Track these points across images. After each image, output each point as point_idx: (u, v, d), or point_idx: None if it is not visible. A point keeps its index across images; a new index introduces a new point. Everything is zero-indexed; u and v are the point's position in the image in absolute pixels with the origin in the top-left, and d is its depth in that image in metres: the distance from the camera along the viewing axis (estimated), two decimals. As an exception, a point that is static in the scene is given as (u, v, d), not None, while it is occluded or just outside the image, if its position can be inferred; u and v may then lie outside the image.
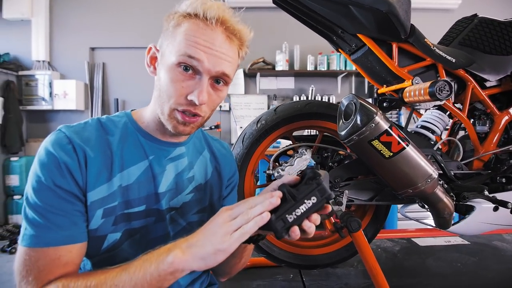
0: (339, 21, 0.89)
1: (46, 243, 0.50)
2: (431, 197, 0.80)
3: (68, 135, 0.54)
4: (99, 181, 0.55)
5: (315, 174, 0.49)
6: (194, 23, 0.54)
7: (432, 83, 0.70)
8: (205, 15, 0.53)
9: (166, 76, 0.55)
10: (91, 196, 0.54)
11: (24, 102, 3.39)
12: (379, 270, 0.79)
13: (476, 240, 1.46)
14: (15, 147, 3.17)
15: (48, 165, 0.52)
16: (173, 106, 0.55)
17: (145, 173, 0.60)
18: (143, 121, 0.63)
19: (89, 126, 0.58)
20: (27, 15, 3.28)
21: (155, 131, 0.62)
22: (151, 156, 0.61)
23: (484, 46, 0.96)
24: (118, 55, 3.54)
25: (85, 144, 0.54)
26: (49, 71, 3.41)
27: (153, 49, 0.61)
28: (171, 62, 0.54)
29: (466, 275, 1.14)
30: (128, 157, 0.59)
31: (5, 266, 2.38)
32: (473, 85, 0.95)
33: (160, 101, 0.57)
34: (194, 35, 0.53)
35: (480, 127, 0.97)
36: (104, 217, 0.55)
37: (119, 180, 0.57)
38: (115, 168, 0.57)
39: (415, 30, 0.88)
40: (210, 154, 0.73)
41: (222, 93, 0.59)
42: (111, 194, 0.56)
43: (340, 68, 3.30)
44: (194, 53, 0.53)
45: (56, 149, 0.52)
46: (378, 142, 0.73)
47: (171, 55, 0.55)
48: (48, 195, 0.51)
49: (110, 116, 0.62)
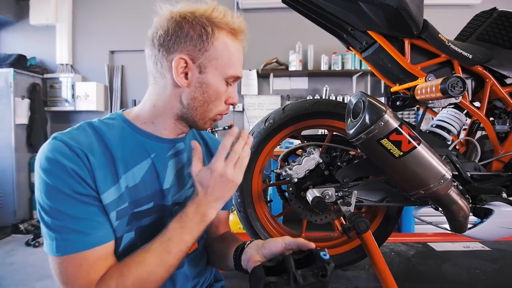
0: (348, 18, 0.88)
1: (82, 248, 0.50)
2: (445, 199, 0.76)
3: (66, 142, 0.52)
4: (107, 184, 0.55)
5: (324, 271, 0.50)
6: (232, 41, 0.61)
7: (444, 79, 0.67)
8: (233, 25, 0.60)
9: (217, 89, 0.61)
10: (103, 199, 0.54)
11: (49, 104, 3.58)
12: (389, 273, 0.76)
13: (498, 246, 1.38)
14: (40, 146, 3.34)
15: (58, 173, 0.50)
16: (218, 112, 0.64)
17: (149, 171, 0.61)
18: (140, 120, 0.63)
19: (83, 130, 0.57)
20: (52, 21, 3.47)
21: (154, 130, 0.62)
22: (152, 154, 0.62)
23: (504, 41, 0.90)
24: (136, 58, 3.66)
25: (85, 149, 0.53)
26: (72, 74, 3.59)
27: (182, 63, 0.58)
28: (220, 77, 0.61)
29: (485, 282, 1.07)
30: (130, 157, 0.59)
31: (29, 259, 2.52)
32: (492, 82, 0.90)
33: (203, 109, 0.62)
34: (236, 54, 0.61)
35: (500, 127, 0.92)
36: (118, 219, 0.56)
37: (125, 181, 0.57)
38: (120, 170, 0.57)
39: (428, 25, 0.85)
40: (205, 147, 0.75)
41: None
42: (120, 196, 0.56)
43: (355, 67, 3.24)
44: (239, 73, 0.63)
45: (58, 157, 0.51)
46: (388, 141, 0.71)
47: (218, 71, 0.60)
48: (69, 203, 0.51)
49: (101, 119, 0.62)
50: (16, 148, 3.16)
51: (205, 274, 0.73)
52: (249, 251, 0.60)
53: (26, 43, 3.60)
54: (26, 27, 3.55)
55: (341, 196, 0.86)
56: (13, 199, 3.17)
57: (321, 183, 0.92)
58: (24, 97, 3.26)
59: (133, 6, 3.58)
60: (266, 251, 0.57)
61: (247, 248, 0.61)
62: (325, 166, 0.92)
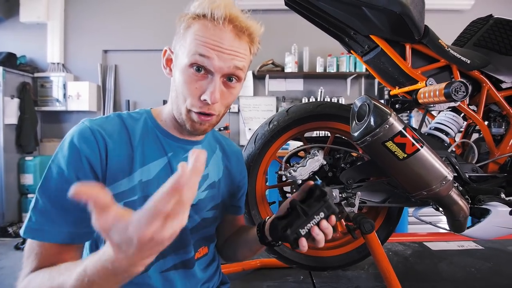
0: (352, 22, 0.89)
1: (47, 238, 0.50)
2: (446, 200, 0.79)
3: (90, 127, 0.55)
4: (119, 174, 0.56)
5: (322, 192, 0.57)
6: (203, 24, 0.55)
7: (448, 84, 0.69)
8: (213, 15, 0.54)
9: (180, 77, 0.57)
10: (112, 190, 0.55)
11: (39, 103, 3.49)
12: (393, 272, 0.78)
13: (491, 245, 1.43)
14: (30, 147, 3.26)
15: (70, 158, 0.52)
16: (189, 107, 0.57)
17: (164, 170, 0.61)
18: (162, 119, 0.65)
19: (111, 120, 0.60)
20: (43, 18, 3.39)
21: (172, 129, 0.64)
22: (170, 153, 0.62)
23: (500, 47, 0.94)
24: (130, 57, 3.61)
25: (107, 136, 0.56)
26: (63, 73, 3.51)
27: (168, 52, 0.63)
28: (184, 63, 0.56)
29: (480, 281, 1.11)
30: (149, 153, 0.60)
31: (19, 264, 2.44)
32: (488, 86, 0.93)
33: (177, 102, 0.59)
34: (203, 36, 0.54)
35: (496, 129, 0.96)
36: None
37: (140, 175, 0.58)
38: (136, 163, 0.58)
39: (429, 31, 0.88)
40: (221, 153, 0.75)
41: (235, 90, 0.60)
42: (131, 188, 0.57)
43: (349, 70, 3.29)
44: (205, 52, 0.54)
45: (79, 141, 0.53)
46: (392, 143, 0.73)
47: (183, 57, 0.56)
48: (65, 189, 0.50)
49: (130, 112, 0.64)
50: (5, 149, 3.07)
51: (214, 279, 0.73)
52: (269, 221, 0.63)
53: (16, 41, 3.50)
54: (16, 24, 3.46)
55: (345, 197, 0.87)
56: (1, 201, 3.08)
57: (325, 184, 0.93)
58: (13, 97, 3.17)
59: (128, 4, 3.54)
60: (279, 213, 0.61)
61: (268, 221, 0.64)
62: (329, 168, 0.93)
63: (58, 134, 3.58)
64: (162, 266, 0.62)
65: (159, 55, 0.66)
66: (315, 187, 0.59)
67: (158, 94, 3.54)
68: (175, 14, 0.61)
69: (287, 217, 0.57)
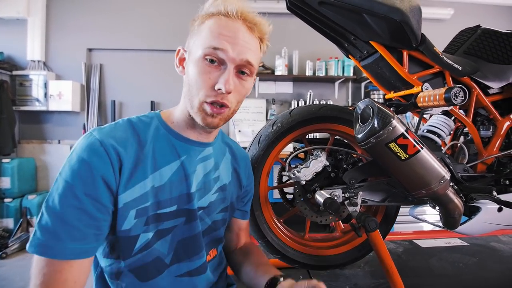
0: (352, 28, 0.93)
1: (50, 255, 0.48)
2: (443, 198, 0.83)
3: (100, 139, 0.54)
4: (132, 182, 0.55)
5: None
6: (217, 18, 0.57)
7: (448, 89, 0.74)
8: (226, 9, 0.57)
9: (194, 70, 0.58)
10: (124, 197, 0.54)
11: (18, 103, 3.32)
12: (395, 269, 0.81)
13: (475, 241, 1.51)
14: (7, 149, 3.09)
15: (80, 174, 0.51)
16: (202, 98, 0.57)
17: (177, 173, 0.60)
18: (172, 120, 0.64)
19: (120, 126, 0.59)
20: (23, 14, 3.23)
21: (184, 130, 0.63)
22: (183, 156, 0.62)
23: (488, 55, 1.01)
24: (116, 57, 3.52)
25: (118, 144, 0.55)
26: (45, 72, 3.36)
27: (181, 51, 0.63)
28: (198, 55, 0.57)
29: (468, 275, 1.18)
30: (161, 157, 0.59)
31: None
32: (477, 92, 1.00)
33: (189, 96, 0.59)
34: (217, 28, 0.56)
35: (484, 132, 1.02)
36: (137, 217, 0.56)
37: (152, 181, 0.57)
38: (148, 169, 0.57)
39: (426, 38, 0.92)
40: (231, 155, 0.75)
41: (247, 83, 0.61)
42: (143, 195, 0.56)
43: (338, 74, 3.38)
44: (219, 44, 0.55)
45: (89, 155, 0.52)
46: (395, 144, 0.76)
47: (197, 50, 0.57)
48: (72, 205, 0.50)
49: (140, 117, 0.63)
50: (-21, 151, 2.90)
51: (222, 280, 0.73)
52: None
53: (-8, 37, 3.32)
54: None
55: (348, 197, 0.90)
56: (-25, 206, 2.89)
57: (327, 185, 0.95)
58: (-11, 95, 3.00)
59: (115, 2, 3.45)
60: None
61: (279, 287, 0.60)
62: (331, 169, 0.96)
63: (38, 135, 3.41)
64: (176, 271, 0.61)
65: (146, 55, 0.67)
66: None
67: (145, 95, 3.47)
68: (165, 14, 0.62)
69: None
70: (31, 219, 3.07)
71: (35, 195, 3.13)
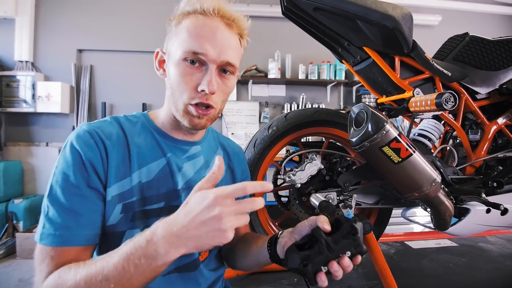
0: (346, 34, 0.95)
1: (63, 243, 0.50)
2: (434, 200, 0.85)
3: (89, 130, 0.56)
4: (118, 176, 0.56)
5: (353, 229, 0.50)
6: (194, 17, 0.57)
7: (439, 95, 0.76)
8: (202, 7, 0.57)
9: (175, 72, 0.58)
10: (112, 190, 0.56)
11: (4, 104, 3.22)
12: (388, 270, 0.83)
13: (463, 242, 1.56)
14: (-7, 151, 3.00)
15: (73, 162, 0.53)
16: (187, 100, 0.57)
17: (164, 170, 0.61)
18: (159, 121, 0.65)
19: (108, 122, 0.61)
20: (10, 13, 3.15)
21: (170, 130, 0.64)
22: (168, 154, 0.62)
23: (475, 62, 1.05)
24: (107, 58, 3.46)
25: (106, 138, 0.57)
26: (33, 72, 3.27)
27: (160, 53, 0.64)
28: (178, 58, 0.57)
29: (459, 275, 1.21)
30: (146, 154, 0.60)
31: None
32: (466, 97, 1.03)
33: (173, 99, 0.59)
34: (195, 28, 0.56)
35: (473, 136, 1.05)
36: (123, 212, 0.57)
37: (138, 177, 0.58)
38: (134, 165, 0.58)
39: (417, 45, 0.95)
40: (223, 152, 0.75)
41: (230, 82, 0.61)
42: (130, 189, 0.57)
43: (330, 77, 3.42)
44: (199, 48, 0.55)
45: (80, 144, 0.54)
46: (388, 148, 0.78)
47: (177, 52, 0.57)
48: (74, 193, 0.52)
49: (127, 115, 0.65)
50: (-37, 153, 2.80)
51: (217, 285, 0.72)
52: (282, 240, 0.58)
53: (-23, 36, 3.22)
54: (-21, 18, 3.19)
55: (342, 200, 0.91)
56: (-42, 211, 2.78)
57: (322, 188, 0.97)
58: (-26, 96, 2.91)
59: (106, 2, 3.40)
60: (296, 235, 0.57)
61: (281, 238, 0.59)
62: (326, 172, 0.97)
63: (25, 137, 3.32)
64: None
65: (138, 57, 0.67)
66: (345, 220, 0.52)
67: (136, 97, 3.43)
68: (155, 15, 0.62)
69: (308, 247, 0.51)
70: (17, 224, 2.97)
71: (22, 199, 3.03)
